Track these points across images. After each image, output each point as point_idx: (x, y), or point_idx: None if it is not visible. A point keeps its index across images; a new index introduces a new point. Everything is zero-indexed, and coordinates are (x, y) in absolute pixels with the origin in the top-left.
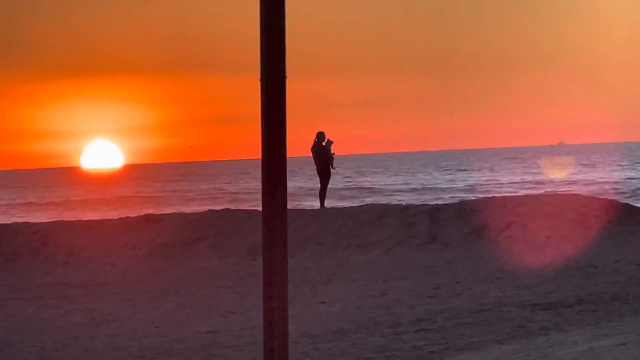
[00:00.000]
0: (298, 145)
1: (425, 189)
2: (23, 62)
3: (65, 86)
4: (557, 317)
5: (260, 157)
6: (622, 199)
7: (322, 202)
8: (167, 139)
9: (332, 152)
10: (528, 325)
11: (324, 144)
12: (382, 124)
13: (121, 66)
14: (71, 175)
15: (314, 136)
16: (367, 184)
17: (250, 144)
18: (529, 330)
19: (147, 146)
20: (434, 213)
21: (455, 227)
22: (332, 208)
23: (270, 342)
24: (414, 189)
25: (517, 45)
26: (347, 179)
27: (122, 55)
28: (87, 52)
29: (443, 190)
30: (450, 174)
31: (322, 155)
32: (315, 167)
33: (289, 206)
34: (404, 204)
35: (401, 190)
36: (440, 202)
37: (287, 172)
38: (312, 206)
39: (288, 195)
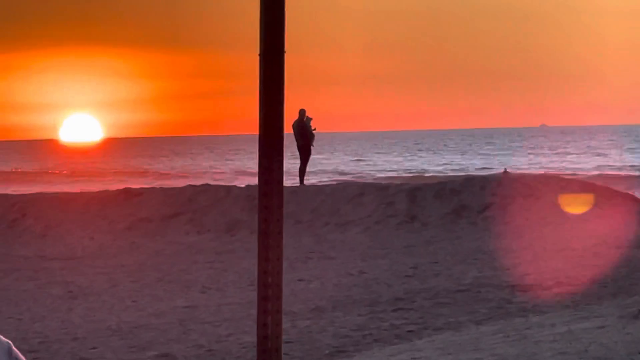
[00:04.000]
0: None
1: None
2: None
3: (49, 56)
4: (535, 299)
5: (257, 132)
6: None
7: (301, 180)
8: (158, 113)
9: (312, 128)
10: (506, 307)
11: (304, 120)
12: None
13: (113, 38)
14: (50, 148)
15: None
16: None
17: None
18: (507, 312)
19: (130, 120)
20: (414, 192)
21: (435, 207)
22: (311, 185)
23: (264, 316)
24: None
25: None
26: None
27: (113, 27)
28: (77, 23)
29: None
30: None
31: (303, 133)
32: (295, 144)
33: None
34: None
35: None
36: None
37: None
38: (291, 183)
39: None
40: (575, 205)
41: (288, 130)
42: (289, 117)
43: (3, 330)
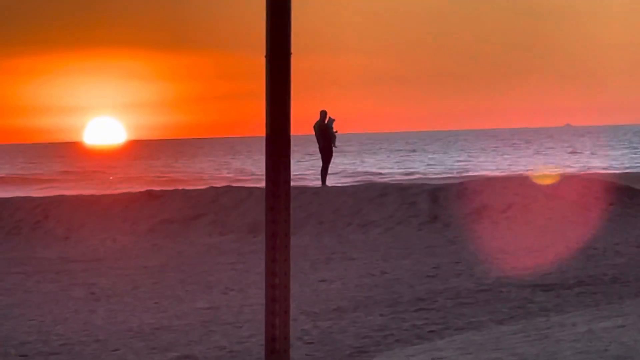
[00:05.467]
0: (300, 123)
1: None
2: (25, 35)
3: (67, 60)
4: (556, 299)
5: (264, 134)
6: (623, 181)
7: (323, 180)
8: (181, 115)
9: (334, 130)
10: (528, 306)
11: (326, 122)
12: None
13: (127, 40)
14: (73, 151)
15: (317, 114)
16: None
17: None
18: (528, 311)
19: (150, 122)
20: (435, 192)
21: (456, 207)
22: (333, 186)
23: (272, 318)
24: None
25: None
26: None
27: (136, 30)
28: (100, 26)
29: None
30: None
31: (325, 134)
32: (317, 145)
33: None
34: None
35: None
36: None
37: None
38: (314, 184)
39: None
40: (596, 204)
41: (309, 132)
42: (306, 118)
43: (25, 332)
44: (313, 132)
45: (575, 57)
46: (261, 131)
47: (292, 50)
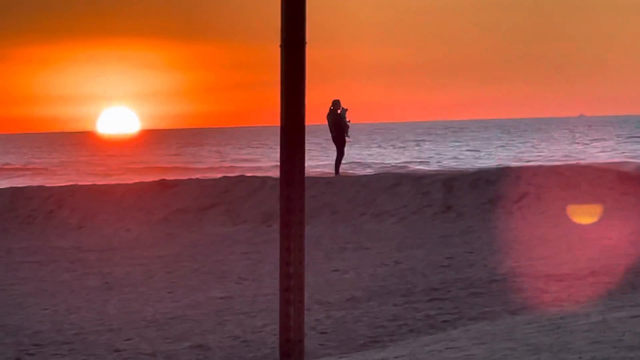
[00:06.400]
0: (313, 113)
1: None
2: (38, 24)
3: (80, 49)
4: (570, 289)
5: (278, 124)
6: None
7: (336, 170)
8: (193, 105)
9: (347, 120)
10: (541, 296)
11: (339, 112)
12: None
13: (141, 30)
14: (86, 140)
15: (330, 104)
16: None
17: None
18: (542, 301)
19: (163, 112)
20: (449, 182)
21: (470, 197)
22: (346, 176)
23: (286, 307)
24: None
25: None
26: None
27: (149, 19)
28: (113, 15)
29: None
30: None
31: (338, 124)
32: (330, 135)
33: None
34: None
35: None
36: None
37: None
38: (327, 174)
39: None
40: (610, 194)
41: (322, 122)
42: (317, 109)
43: (39, 321)
44: (326, 122)
45: (589, 46)
46: (275, 121)
47: (307, 39)
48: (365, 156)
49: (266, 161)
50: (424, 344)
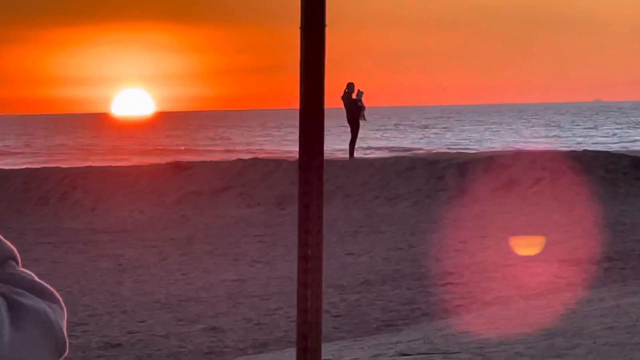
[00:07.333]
0: (331, 96)
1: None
2: (54, 7)
3: (96, 32)
4: (584, 274)
5: (297, 107)
6: None
7: (351, 153)
8: (207, 87)
9: (362, 103)
10: (555, 281)
11: (354, 95)
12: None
13: (155, 13)
14: (101, 122)
15: (344, 87)
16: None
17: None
18: (556, 286)
19: (178, 94)
20: (463, 166)
21: (485, 181)
22: (361, 159)
23: (304, 289)
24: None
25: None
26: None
27: (157, 2)
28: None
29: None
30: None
31: (352, 107)
32: (346, 118)
33: None
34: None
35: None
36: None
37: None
38: (341, 157)
39: None
40: (625, 179)
41: (339, 104)
42: (330, 92)
43: None
44: (342, 105)
45: (605, 30)
46: (290, 104)
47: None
48: (381, 139)
49: (281, 143)
50: (438, 328)
